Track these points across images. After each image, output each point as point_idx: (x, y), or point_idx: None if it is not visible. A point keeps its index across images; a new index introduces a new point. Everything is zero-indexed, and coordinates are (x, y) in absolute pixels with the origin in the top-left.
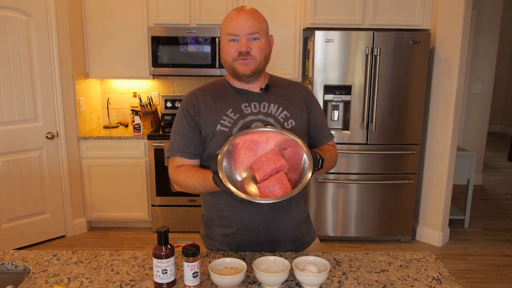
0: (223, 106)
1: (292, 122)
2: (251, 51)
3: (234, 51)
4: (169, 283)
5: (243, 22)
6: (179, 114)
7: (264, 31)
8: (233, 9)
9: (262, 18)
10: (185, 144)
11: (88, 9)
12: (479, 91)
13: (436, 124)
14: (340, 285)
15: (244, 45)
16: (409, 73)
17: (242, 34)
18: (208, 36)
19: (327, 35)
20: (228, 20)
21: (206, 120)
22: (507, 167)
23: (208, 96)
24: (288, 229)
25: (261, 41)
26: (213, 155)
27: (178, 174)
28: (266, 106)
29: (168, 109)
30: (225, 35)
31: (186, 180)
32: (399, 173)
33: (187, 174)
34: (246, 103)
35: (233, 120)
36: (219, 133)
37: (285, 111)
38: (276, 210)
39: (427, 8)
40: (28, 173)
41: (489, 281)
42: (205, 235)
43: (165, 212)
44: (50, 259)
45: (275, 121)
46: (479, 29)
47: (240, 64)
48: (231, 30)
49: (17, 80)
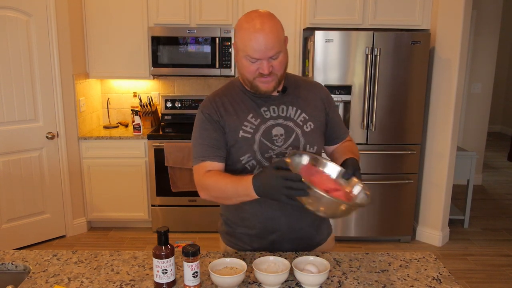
0: (243, 111)
1: (311, 125)
2: (273, 70)
3: (255, 71)
4: (169, 283)
5: (264, 46)
6: (200, 120)
7: (283, 42)
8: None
9: (280, 29)
10: (214, 147)
11: (88, 9)
12: (479, 91)
13: (436, 124)
14: (340, 285)
15: (266, 68)
16: (409, 73)
17: (263, 57)
18: (208, 36)
19: (327, 35)
20: (246, 39)
21: (229, 126)
22: (507, 167)
23: (227, 102)
24: (309, 228)
25: (281, 56)
26: (236, 161)
27: (208, 177)
28: (284, 109)
29: (168, 109)
30: (244, 54)
31: (218, 182)
32: (399, 173)
33: (219, 177)
34: (264, 107)
35: (255, 125)
36: (242, 139)
37: (304, 113)
38: (300, 212)
39: (427, 8)
40: (28, 173)
41: (489, 281)
42: (225, 233)
43: (165, 212)
44: (50, 259)
45: (294, 125)
46: (479, 29)
47: (262, 82)
48: (251, 53)
49: (17, 80)
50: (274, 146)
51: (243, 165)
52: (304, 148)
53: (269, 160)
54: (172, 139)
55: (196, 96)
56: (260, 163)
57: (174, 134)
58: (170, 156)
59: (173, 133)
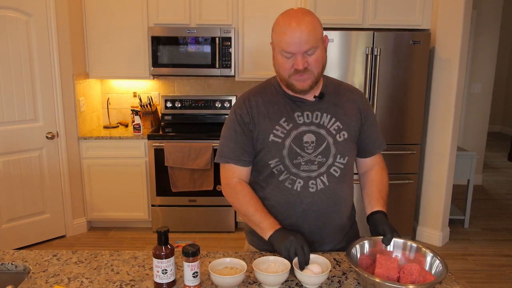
0: (276, 114)
1: (345, 134)
2: (308, 66)
3: (290, 67)
4: (169, 283)
5: (298, 39)
6: (232, 120)
7: (320, 39)
8: (285, 15)
9: (317, 25)
10: (240, 151)
11: (88, 9)
12: (479, 91)
13: (436, 124)
14: (340, 285)
15: (300, 64)
16: (409, 73)
17: (298, 51)
18: (208, 36)
19: (327, 35)
20: (281, 33)
21: (259, 129)
22: (507, 167)
23: (261, 103)
24: (332, 237)
25: (317, 52)
26: (265, 165)
27: (242, 192)
28: (318, 116)
29: (168, 109)
30: (279, 50)
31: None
32: (399, 173)
33: (252, 200)
34: (299, 112)
35: (286, 130)
36: (272, 143)
37: (338, 122)
38: (323, 221)
39: (427, 8)
40: (28, 173)
41: (489, 281)
42: (248, 231)
43: (165, 212)
44: (50, 259)
45: (327, 133)
46: (479, 29)
47: (297, 81)
48: (285, 47)
49: (17, 80)
50: (303, 153)
51: (271, 169)
52: (335, 158)
53: (297, 167)
54: (172, 139)
55: (196, 96)
56: (288, 168)
57: (174, 134)
58: (170, 156)
59: (173, 133)
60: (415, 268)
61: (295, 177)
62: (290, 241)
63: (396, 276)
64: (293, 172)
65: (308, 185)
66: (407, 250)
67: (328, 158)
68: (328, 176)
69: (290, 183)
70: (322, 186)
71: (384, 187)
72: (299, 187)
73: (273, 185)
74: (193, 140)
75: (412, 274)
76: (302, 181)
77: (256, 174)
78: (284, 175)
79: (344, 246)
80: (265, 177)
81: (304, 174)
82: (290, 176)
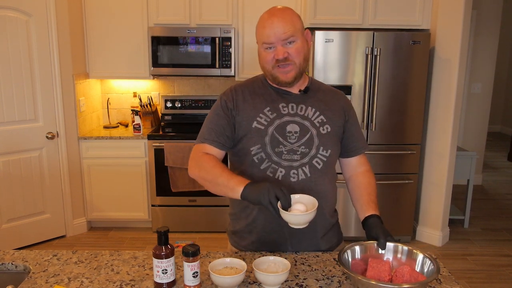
0: (261, 104)
1: (328, 128)
2: (288, 56)
3: (272, 59)
4: (169, 283)
5: (276, 29)
6: (216, 105)
7: (299, 31)
8: (265, 13)
9: (295, 18)
10: (217, 133)
11: (88, 9)
12: (479, 91)
13: (436, 124)
14: (340, 285)
15: (280, 53)
16: (409, 73)
17: (276, 41)
18: (208, 36)
19: (327, 35)
20: (261, 27)
21: (243, 116)
22: (507, 167)
23: (247, 93)
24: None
25: (297, 43)
26: (246, 152)
27: (207, 158)
28: (303, 108)
29: (168, 109)
30: (261, 44)
31: (214, 167)
32: (399, 173)
33: (217, 163)
34: (284, 103)
35: (270, 119)
36: (255, 130)
37: (322, 115)
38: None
39: (427, 8)
40: (28, 173)
41: (489, 281)
42: (231, 232)
43: (165, 212)
44: (50, 259)
45: (311, 125)
46: (479, 29)
47: (280, 72)
48: (265, 39)
49: (17, 80)
50: (286, 142)
51: (252, 157)
52: (318, 149)
53: (279, 155)
54: (172, 139)
55: (196, 96)
56: (269, 156)
57: (174, 134)
58: (170, 156)
59: (173, 133)
60: (406, 270)
61: (276, 166)
62: (266, 188)
63: (387, 278)
64: (275, 160)
65: (290, 174)
66: (398, 253)
67: (311, 149)
68: (310, 167)
69: (271, 171)
70: (303, 177)
71: (373, 190)
72: (280, 176)
73: (254, 174)
74: (193, 140)
75: (403, 276)
76: (283, 170)
77: (238, 163)
78: (266, 163)
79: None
80: (246, 166)
81: (286, 163)
82: (272, 164)
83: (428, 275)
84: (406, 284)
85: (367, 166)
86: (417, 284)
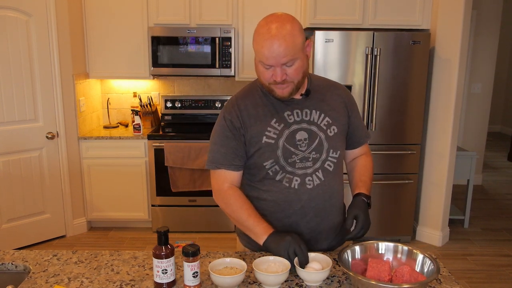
0: (266, 116)
1: (335, 129)
2: (287, 77)
3: (269, 77)
4: (169, 283)
5: (276, 52)
6: (221, 125)
7: (300, 50)
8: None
9: (297, 36)
10: (231, 157)
11: (88, 9)
12: (479, 91)
13: (436, 124)
14: (340, 285)
15: (279, 76)
16: (409, 73)
17: (276, 63)
18: (208, 36)
19: (327, 35)
20: (259, 45)
21: (251, 132)
22: (507, 167)
23: (250, 106)
24: (329, 232)
25: (297, 63)
26: (260, 167)
27: (233, 196)
28: (308, 113)
29: (168, 109)
30: (258, 60)
31: (241, 208)
32: (399, 173)
33: (244, 204)
34: (288, 111)
35: (278, 130)
36: (265, 145)
37: (327, 117)
38: (321, 217)
39: (427, 8)
40: (28, 173)
41: (489, 281)
42: (242, 233)
43: (165, 212)
44: (50, 259)
45: (318, 129)
46: (479, 29)
47: (277, 88)
48: (264, 60)
49: (17, 80)
50: (297, 151)
51: (267, 171)
52: (328, 153)
53: (292, 165)
54: (172, 139)
55: (196, 96)
56: (283, 168)
57: (174, 134)
58: (170, 156)
59: (173, 133)
60: (406, 270)
61: (291, 175)
62: (288, 242)
63: (387, 278)
64: (289, 170)
65: (305, 181)
66: (398, 253)
67: (322, 154)
68: (323, 171)
69: (287, 181)
70: (318, 182)
71: (366, 170)
72: (297, 184)
73: (270, 185)
74: (193, 140)
75: (403, 276)
76: (299, 178)
77: (250, 177)
78: (280, 174)
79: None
80: (260, 178)
81: (300, 172)
82: (287, 174)
83: (428, 275)
84: (406, 284)
85: (368, 152)
86: (417, 284)
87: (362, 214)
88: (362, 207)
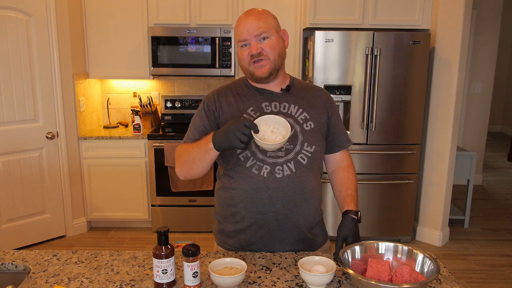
0: (244, 104)
1: (311, 124)
2: (262, 51)
3: (247, 55)
4: (169, 283)
5: (249, 25)
6: (199, 109)
7: (273, 29)
8: (241, 14)
9: (270, 16)
10: (200, 132)
11: (88, 9)
12: (479, 91)
13: (436, 124)
14: (340, 285)
15: (254, 48)
16: (409, 73)
17: (250, 37)
18: (208, 36)
19: (327, 35)
20: (237, 27)
21: (226, 115)
22: (507, 167)
23: (230, 94)
24: (301, 229)
25: (271, 39)
26: (231, 151)
27: (181, 147)
28: (286, 106)
29: (168, 109)
30: (237, 43)
31: (188, 147)
32: (399, 173)
33: (189, 144)
34: (266, 102)
35: (253, 118)
36: None
37: (305, 112)
38: (289, 209)
39: (427, 8)
40: (28, 173)
41: (489, 281)
42: (217, 232)
43: (165, 212)
44: (50, 259)
45: (295, 122)
46: (479, 29)
47: (256, 68)
48: (239, 36)
49: (17, 80)
50: None
51: (238, 156)
52: (302, 145)
53: (263, 153)
54: (172, 139)
55: (196, 96)
56: (254, 155)
57: (174, 134)
58: (170, 156)
59: (173, 133)
60: (406, 270)
61: (261, 163)
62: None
63: (387, 278)
64: (260, 158)
65: (275, 171)
66: (398, 253)
67: (296, 145)
68: (296, 163)
69: (257, 169)
70: (288, 173)
71: (351, 183)
72: (266, 173)
73: (240, 173)
74: None
75: (403, 276)
76: (268, 167)
77: (224, 163)
78: (251, 161)
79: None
80: (232, 165)
81: (271, 160)
82: (257, 162)
83: (428, 275)
84: (406, 284)
85: (349, 161)
86: (417, 284)
87: (351, 236)
88: (351, 229)
